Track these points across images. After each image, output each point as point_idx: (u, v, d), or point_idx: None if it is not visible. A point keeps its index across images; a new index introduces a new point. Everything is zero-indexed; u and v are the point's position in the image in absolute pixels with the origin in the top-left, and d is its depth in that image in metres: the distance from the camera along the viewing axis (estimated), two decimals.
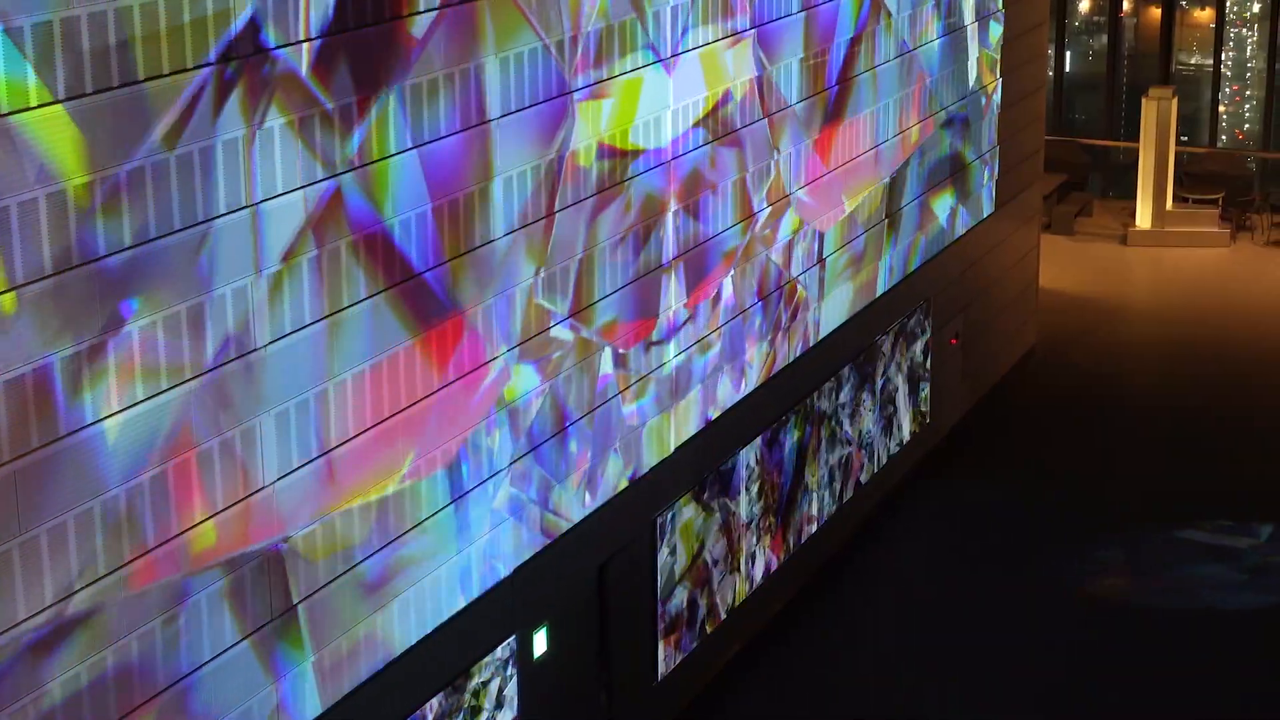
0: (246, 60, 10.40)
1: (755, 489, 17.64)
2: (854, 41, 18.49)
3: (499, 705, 13.65)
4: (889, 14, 19.23)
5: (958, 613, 19.01)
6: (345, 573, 11.90)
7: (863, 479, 20.16)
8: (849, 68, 18.46)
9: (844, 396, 19.36)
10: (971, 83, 21.83)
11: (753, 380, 17.35)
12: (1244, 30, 38.12)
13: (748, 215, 16.82)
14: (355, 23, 11.26)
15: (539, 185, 13.43)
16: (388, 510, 12.26)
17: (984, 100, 22.34)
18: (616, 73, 14.27)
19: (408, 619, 12.62)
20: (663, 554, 16.02)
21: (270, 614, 11.27)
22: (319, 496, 11.56)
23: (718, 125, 16.02)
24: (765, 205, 17.12)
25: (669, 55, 15.03)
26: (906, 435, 21.18)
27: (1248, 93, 37.64)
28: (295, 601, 11.47)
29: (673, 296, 15.63)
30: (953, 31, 21.04)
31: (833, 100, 18.21)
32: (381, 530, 12.23)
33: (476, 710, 13.37)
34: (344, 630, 11.96)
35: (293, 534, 11.37)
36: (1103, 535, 20.68)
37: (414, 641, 12.69)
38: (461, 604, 13.17)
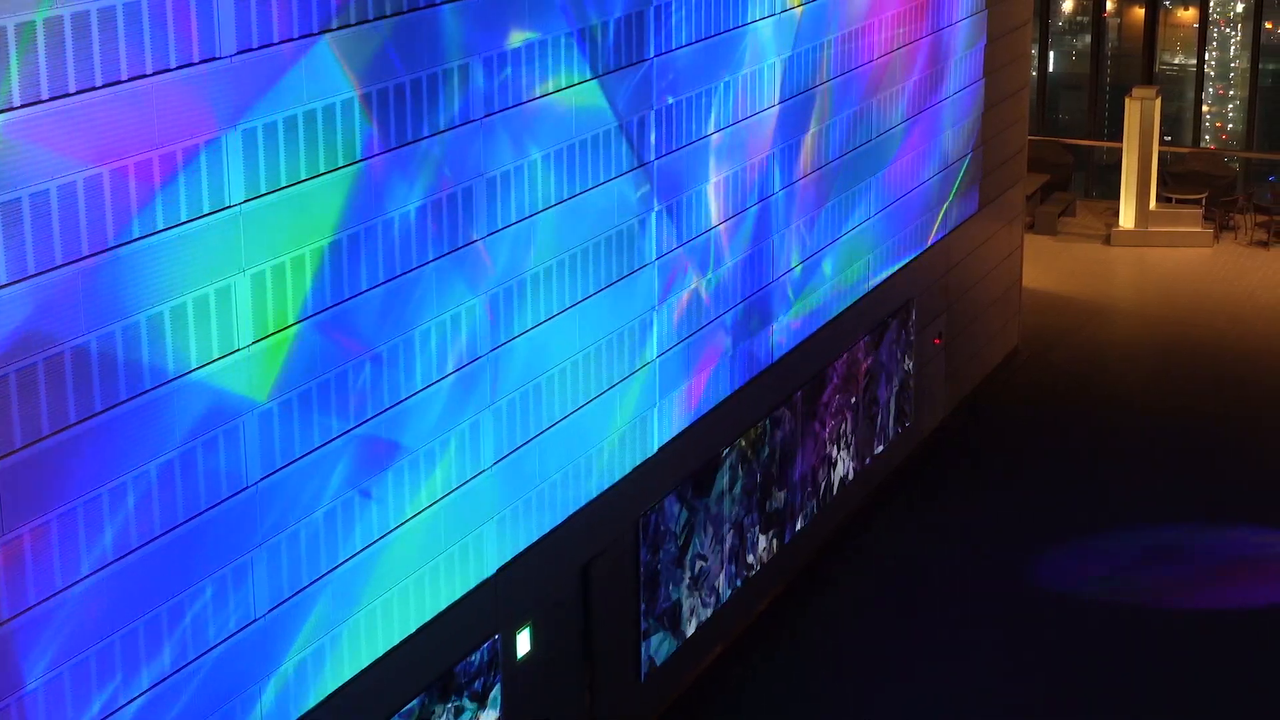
0: None
1: (738, 488, 17.66)
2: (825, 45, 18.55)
3: (482, 705, 13.67)
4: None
5: (940, 612, 19.03)
6: (330, 571, 11.93)
7: (846, 479, 20.19)
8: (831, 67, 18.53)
9: (826, 396, 19.39)
10: (955, 84, 21.88)
11: (737, 380, 17.38)
12: (1227, 30, 38.15)
13: (734, 214, 16.87)
14: None
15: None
16: (371, 508, 12.29)
17: (968, 101, 22.40)
18: None
19: (391, 618, 12.64)
20: (645, 554, 16.04)
21: (254, 613, 11.31)
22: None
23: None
24: (751, 203, 17.16)
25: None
26: (890, 434, 21.23)
27: (1231, 93, 37.69)
28: (282, 599, 11.49)
29: (657, 293, 15.67)
30: (936, 32, 21.09)
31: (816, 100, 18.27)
32: (365, 529, 12.26)
33: (460, 710, 13.40)
34: (330, 629, 11.99)
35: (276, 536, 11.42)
36: (1085, 535, 20.71)
37: (397, 641, 12.71)
38: (445, 603, 13.20)
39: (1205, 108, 35.82)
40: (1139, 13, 35.33)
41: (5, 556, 9.44)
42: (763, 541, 18.32)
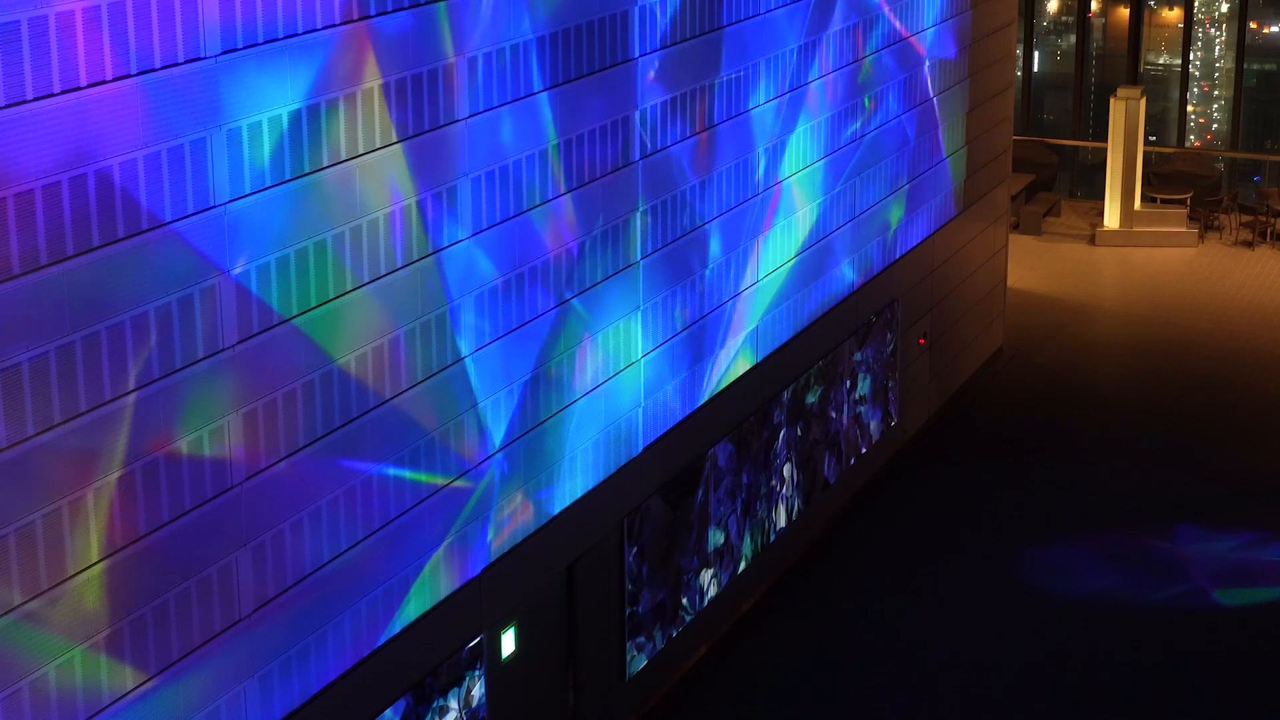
0: None
1: (723, 489, 17.66)
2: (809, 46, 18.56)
3: (467, 705, 13.67)
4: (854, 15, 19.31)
5: (926, 611, 19.06)
6: (316, 571, 11.91)
7: (831, 479, 20.19)
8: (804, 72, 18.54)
9: (811, 397, 19.40)
10: (938, 84, 21.89)
11: (722, 380, 17.38)
12: (1212, 30, 38.18)
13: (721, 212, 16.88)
14: None
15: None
16: (356, 509, 12.28)
17: (954, 99, 22.42)
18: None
19: (376, 619, 12.63)
20: (630, 555, 16.04)
21: (239, 613, 11.29)
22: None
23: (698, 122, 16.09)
24: (737, 203, 17.16)
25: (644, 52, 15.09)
26: (876, 434, 21.23)
27: (1216, 92, 37.73)
28: (267, 600, 11.48)
29: (640, 294, 15.66)
30: (919, 32, 21.12)
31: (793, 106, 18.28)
32: (350, 529, 12.25)
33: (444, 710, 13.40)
34: (314, 629, 11.97)
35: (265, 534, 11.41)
36: (1070, 534, 20.74)
37: (382, 641, 12.70)
38: (430, 604, 13.19)
39: (1190, 108, 35.87)
40: (1124, 13, 35.38)
41: None
42: (747, 541, 18.33)
